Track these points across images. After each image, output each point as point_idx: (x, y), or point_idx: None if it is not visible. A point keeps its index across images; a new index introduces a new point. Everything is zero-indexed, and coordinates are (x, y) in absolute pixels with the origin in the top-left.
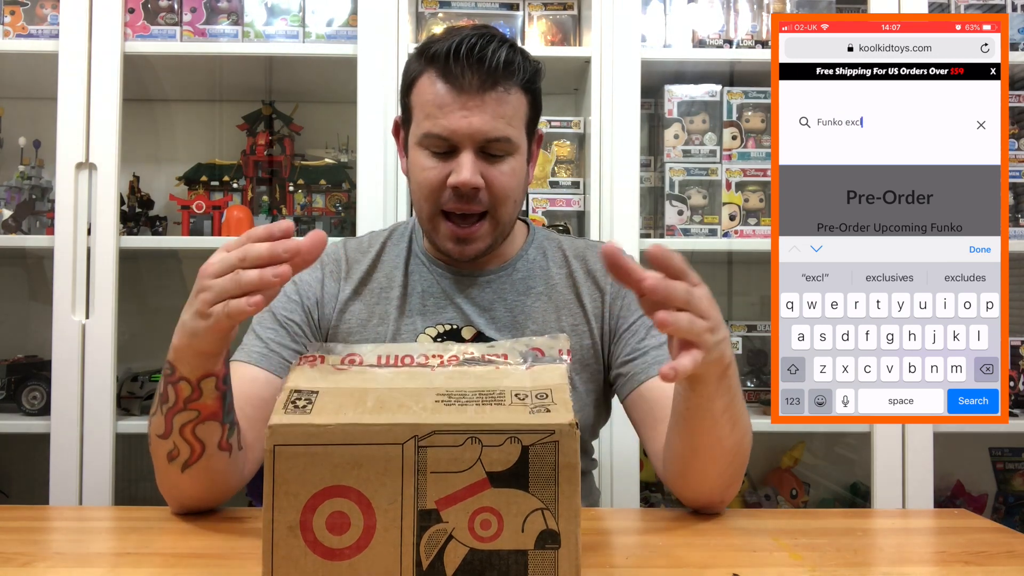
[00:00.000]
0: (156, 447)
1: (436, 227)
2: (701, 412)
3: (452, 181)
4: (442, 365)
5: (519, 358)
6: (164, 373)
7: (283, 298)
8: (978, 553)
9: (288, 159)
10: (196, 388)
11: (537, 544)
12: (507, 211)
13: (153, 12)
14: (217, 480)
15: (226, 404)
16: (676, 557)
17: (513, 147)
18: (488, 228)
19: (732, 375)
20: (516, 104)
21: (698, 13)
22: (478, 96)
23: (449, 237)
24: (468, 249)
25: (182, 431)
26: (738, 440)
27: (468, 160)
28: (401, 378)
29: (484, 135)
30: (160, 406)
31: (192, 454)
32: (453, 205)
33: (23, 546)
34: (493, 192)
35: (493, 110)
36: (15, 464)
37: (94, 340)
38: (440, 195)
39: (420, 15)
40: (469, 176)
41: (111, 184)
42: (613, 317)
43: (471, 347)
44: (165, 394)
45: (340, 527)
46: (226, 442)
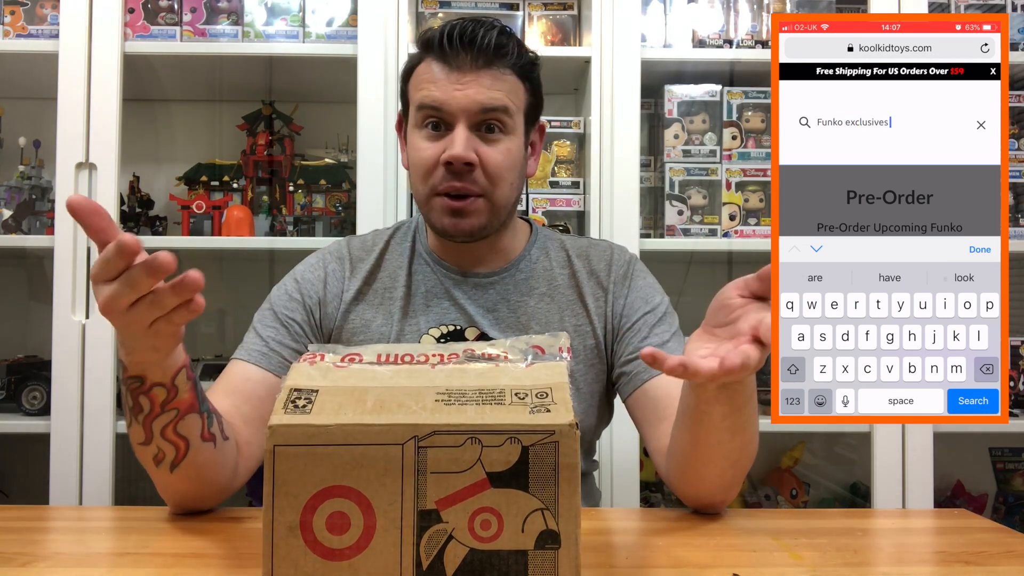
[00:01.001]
0: (141, 453)
1: (431, 206)
2: (699, 414)
3: (445, 156)
4: (442, 363)
5: (519, 356)
6: (131, 387)
7: (284, 296)
8: (978, 553)
9: (288, 159)
10: (171, 388)
11: (537, 544)
12: (503, 193)
13: (153, 12)
14: (208, 475)
15: (199, 393)
16: (676, 557)
17: (509, 124)
18: (483, 206)
19: (738, 389)
20: (512, 85)
21: (698, 13)
22: (472, 72)
23: (444, 212)
24: (463, 223)
25: (163, 433)
26: (738, 448)
27: (461, 134)
28: (401, 376)
29: (479, 104)
30: (134, 417)
31: (177, 453)
32: (447, 185)
33: (23, 546)
34: (488, 171)
35: (488, 83)
36: (15, 464)
37: (94, 340)
38: (434, 174)
39: (420, 15)
40: (461, 150)
41: (111, 184)
42: (616, 316)
43: (471, 345)
44: (138, 405)
45: (340, 527)
46: (208, 432)
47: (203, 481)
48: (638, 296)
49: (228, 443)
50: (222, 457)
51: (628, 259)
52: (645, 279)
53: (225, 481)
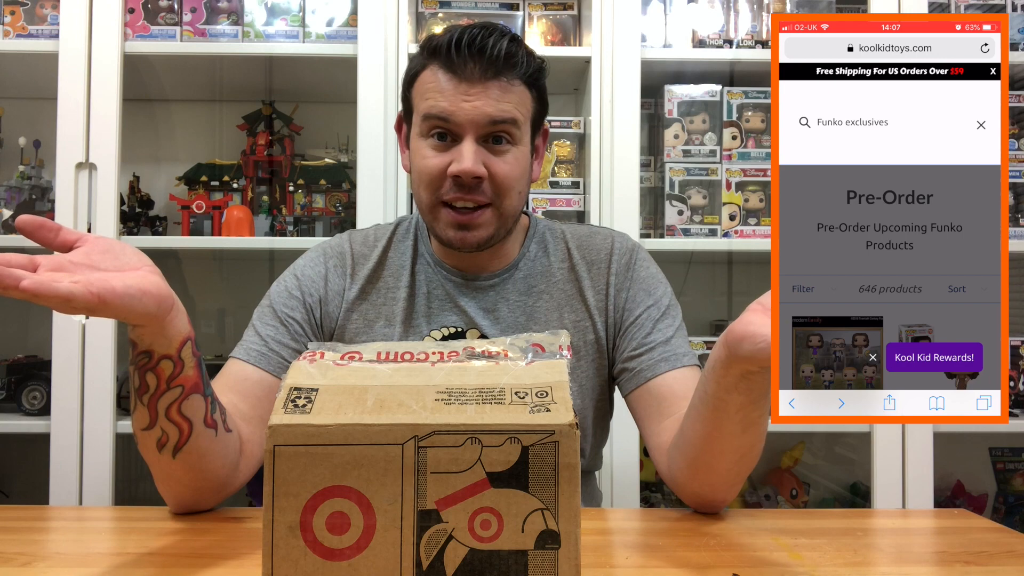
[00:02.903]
0: (144, 440)
1: (437, 216)
2: (717, 402)
3: (453, 170)
4: (442, 360)
5: (519, 353)
6: (139, 364)
7: (284, 294)
8: (978, 553)
9: (288, 159)
10: (178, 360)
11: (537, 544)
12: (511, 203)
13: (153, 12)
14: (208, 465)
15: (204, 375)
16: (676, 557)
17: (517, 134)
18: (491, 217)
19: (758, 380)
20: (520, 95)
21: (698, 13)
22: (480, 84)
23: (450, 224)
24: (470, 236)
25: (168, 413)
26: (747, 444)
27: (470, 148)
28: (401, 374)
29: (488, 117)
30: (140, 398)
31: (181, 435)
32: (454, 195)
33: (23, 546)
34: (496, 183)
35: (497, 95)
36: (15, 464)
37: (94, 340)
38: (441, 185)
39: (420, 15)
40: (471, 165)
41: (111, 184)
42: (618, 310)
43: (472, 343)
44: (144, 384)
45: (340, 527)
46: (211, 418)
47: (203, 472)
48: (640, 288)
49: (231, 436)
50: (223, 448)
51: (630, 248)
52: (648, 269)
53: (225, 476)
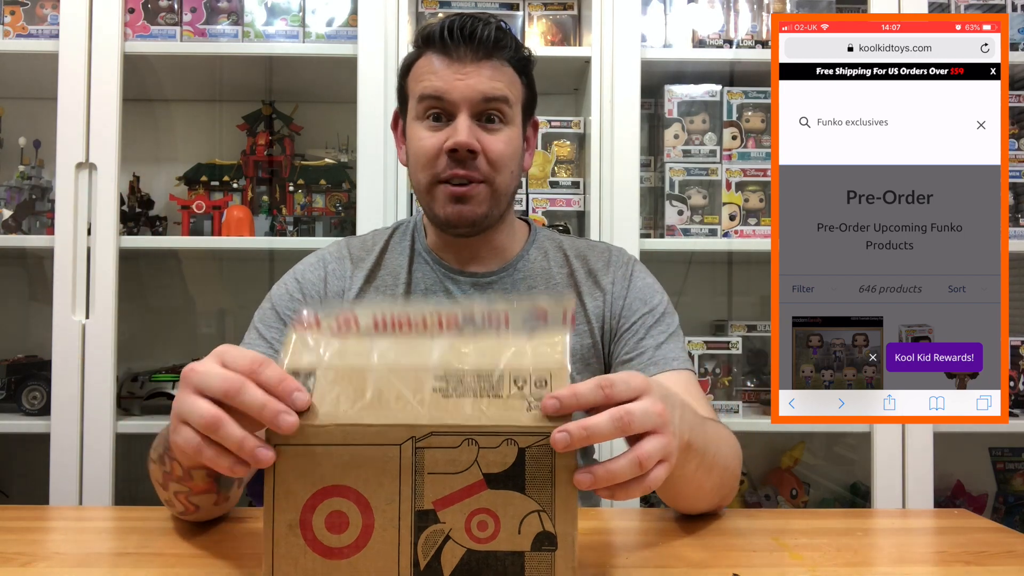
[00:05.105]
0: (155, 487)
1: (433, 195)
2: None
3: (448, 144)
4: (440, 329)
5: (520, 324)
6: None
7: (286, 296)
8: (978, 553)
9: (288, 159)
10: (187, 475)
11: (534, 546)
12: (504, 180)
13: (153, 12)
14: (214, 513)
15: (220, 480)
16: (676, 557)
17: (509, 113)
18: (485, 193)
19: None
20: (510, 77)
21: (698, 13)
22: (473, 64)
23: (447, 199)
24: (466, 210)
25: (176, 496)
26: (717, 477)
27: (464, 123)
28: (400, 352)
29: (481, 94)
30: (159, 458)
31: (186, 512)
32: (451, 172)
33: (23, 546)
34: (490, 159)
35: (489, 74)
36: (15, 464)
37: (94, 340)
38: (437, 163)
39: (420, 15)
40: (466, 137)
41: (111, 184)
42: (614, 317)
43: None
44: (165, 455)
45: (339, 526)
46: (223, 498)
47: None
48: (637, 297)
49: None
50: (232, 503)
51: (627, 260)
52: (644, 279)
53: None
